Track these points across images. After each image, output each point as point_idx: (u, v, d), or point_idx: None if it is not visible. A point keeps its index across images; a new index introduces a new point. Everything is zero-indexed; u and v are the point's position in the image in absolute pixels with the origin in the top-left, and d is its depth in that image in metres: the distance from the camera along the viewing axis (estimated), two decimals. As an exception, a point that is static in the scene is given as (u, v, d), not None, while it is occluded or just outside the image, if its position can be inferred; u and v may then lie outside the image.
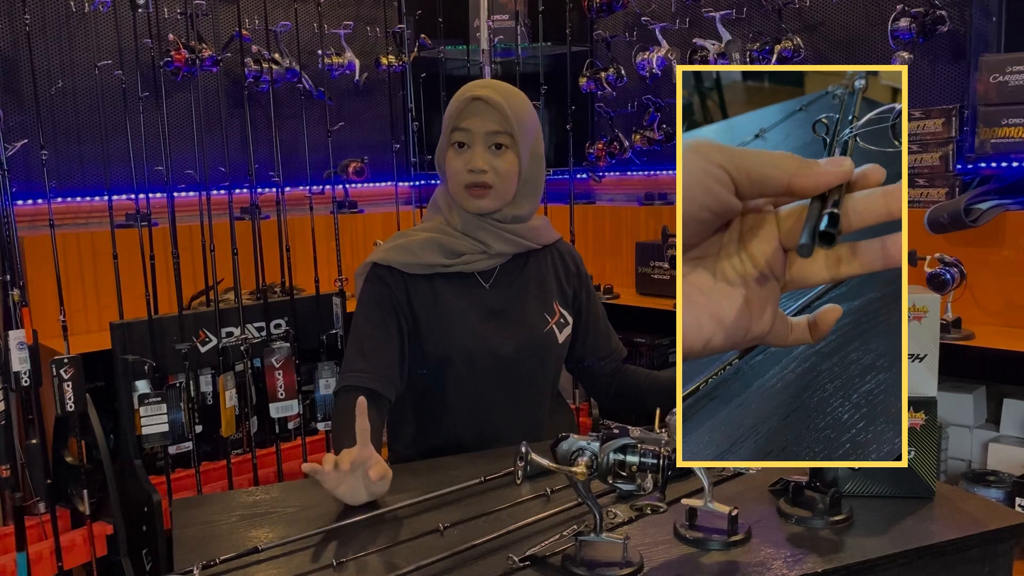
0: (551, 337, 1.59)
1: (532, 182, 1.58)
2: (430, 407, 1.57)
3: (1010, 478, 2.02)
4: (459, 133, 1.51)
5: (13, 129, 2.39)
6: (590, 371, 1.71)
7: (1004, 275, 2.21)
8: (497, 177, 1.51)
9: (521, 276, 1.61)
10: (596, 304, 1.71)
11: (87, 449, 2.05)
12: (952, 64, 2.41)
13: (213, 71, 2.57)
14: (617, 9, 2.97)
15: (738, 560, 1.05)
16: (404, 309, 1.54)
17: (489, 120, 1.50)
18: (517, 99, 1.54)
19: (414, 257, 1.53)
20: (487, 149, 1.51)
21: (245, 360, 2.20)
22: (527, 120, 1.53)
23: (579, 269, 1.69)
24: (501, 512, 1.20)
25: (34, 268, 2.30)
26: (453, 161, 1.53)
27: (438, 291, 1.55)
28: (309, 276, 2.41)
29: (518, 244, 1.58)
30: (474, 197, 1.52)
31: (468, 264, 1.55)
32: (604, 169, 3.25)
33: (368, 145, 3.12)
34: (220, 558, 1.06)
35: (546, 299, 1.61)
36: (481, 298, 1.57)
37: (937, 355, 1.22)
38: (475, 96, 1.50)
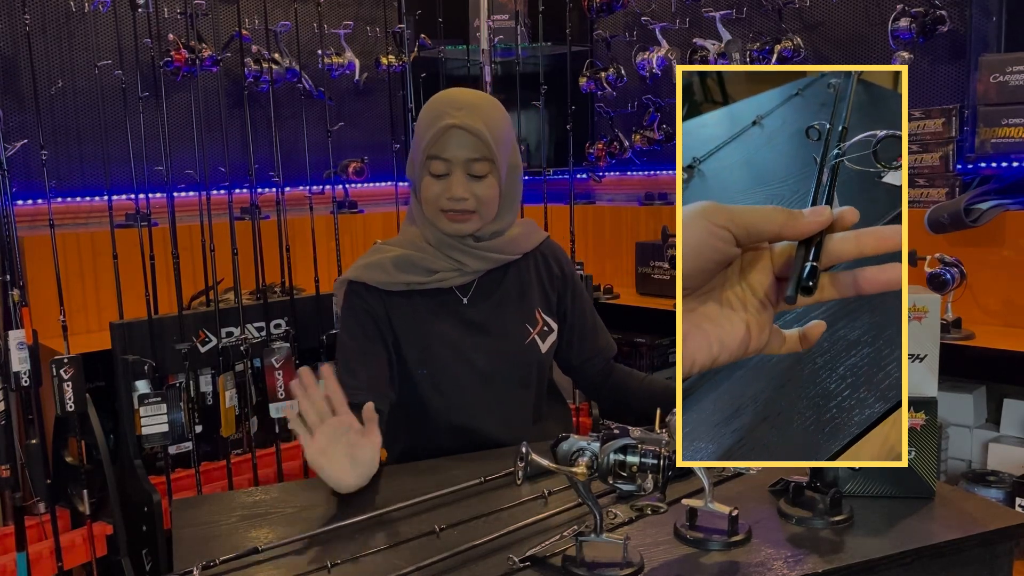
0: (532, 348, 1.57)
1: (510, 195, 1.55)
2: (415, 421, 1.56)
3: (1010, 478, 2.02)
4: (436, 163, 1.46)
5: (13, 129, 2.39)
6: (579, 371, 1.71)
7: (1004, 275, 2.21)
8: (479, 203, 1.48)
9: (500, 288, 1.58)
10: (582, 304, 1.68)
11: (87, 449, 2.05)
12: (952, 64, 2.41)
13: (213, 71, 2.57)
14: (617, 9, 2.97)
15: (738, 560, 1.05)
16: (384, 323, 1.52)
17: (467, 148, 1.44)
18: (492, 116, 1.47)
19: (388, 276, 1.51)
20: (466, 176, 1.46)
21: (245, 360, 2.20)
22: (503, 136, 1.49)
23: (563, 270, 1.66)
24: (501, 512, 1.20)
25: (34, 268, 2.30)
26: (431, 187, 1.48)
27: (416, 307, 1.53)
28: (309, 276, 2.41)
29: (495, 260, 1.55)
30: (454, 221, 1.49)
31: (444, 281, 1.52)
32: (604, 169, 3.26)
33: (368, 145, 3.12)
34: (220, 558, 1.06)
35: (528, 309, 1.59)
36: (460, 313, 1.54)
37: (937, 355, 1.22)
38: (451, 125, 1.43)
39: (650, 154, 3.13)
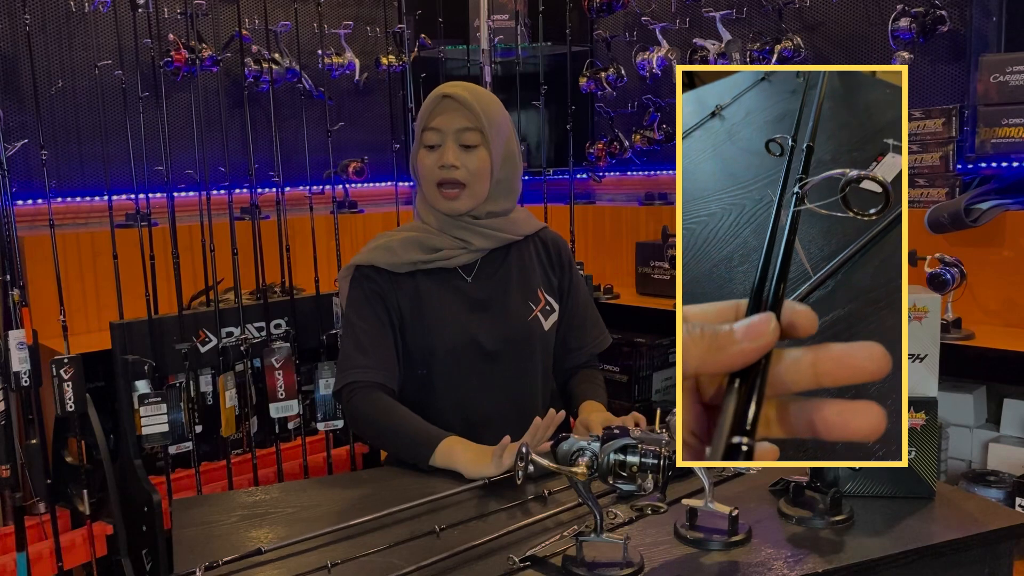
0: (536, 325, 1.61)
1: (506, 182, 1.60)
2: (420, 401, 1.58)
3: (1010, 478, 2.02)
4: (430, 133, 1.55)
5: (13, 129, 2.39)
6: (559, 359, 1.71)
7: (1004, 275, 2.21)
8: (469, 174, 1.54)
9: (503, 266, 1.62)
10: (578, 294, 1.71)
11: (87, 449, 2.05)
12: (952, 64, 2.41)
13: (213, 71, 2.57)
14: (617, 9, 2.97)
15: (738, 560, 1.05)
16: (392, 304, 1.56)
17: (458, 117, 1.53)
18: (486, 98, 1.57)
19: (395, 256, 1.56)
20: (458, 147, 1.53)
21: (245, 360, 2.20)
22: (498, 118, 1.56)
23: (563, 258, 1.70)
24: (501, 512, 1.20)
25: (34, 268, 2.30)
26: (424, 159, 1.56)
27: (420, 287, 1.57)
28: (309, 276, 2.40)
29: (497, 238, 1.60)
30: (447, 199, 1.55)
31: (448, 259, 1.57)
32: (604, 169, 3.25)
33: (368, 145, 3.12)
34: (223, 560, 1.06)
35: (530, 287, 1.63)
36: (464, 291, 1.59)
37: (937, 355, 1.22)
38: (444, 94, 1.54)
39: (650, 154, 3.13)
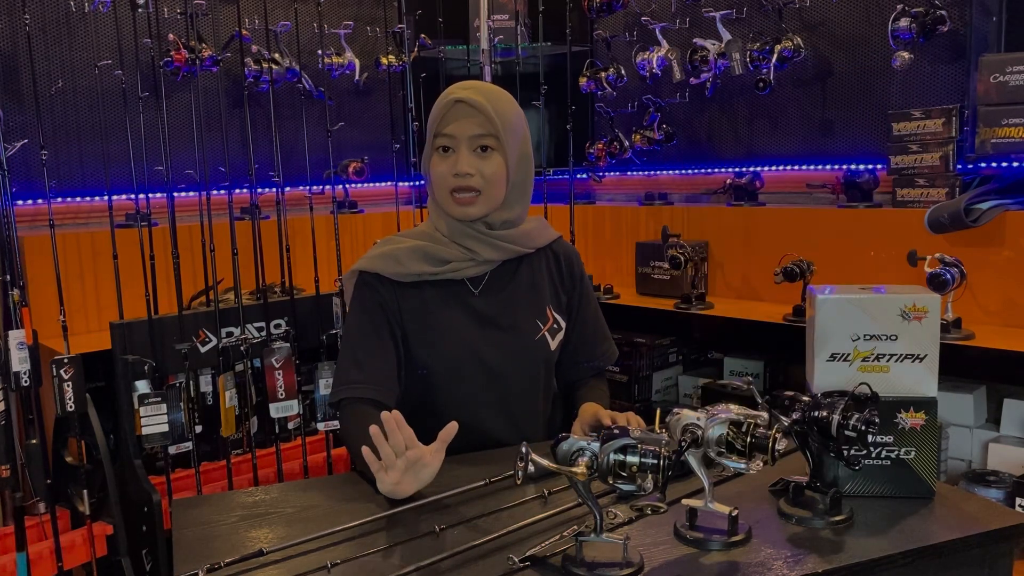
0: (542, 345, 1.57)
1: (521, 184, 1.55)
2: (420, 415, 1.55)
3: (1010, 478, 2.02)
4: (443, 138, 1.49)
5: (13, 129, 2.39)
6: (564, 372, 1.68)
7: (1004, 275, 2.21)
8: (484, 181, 1.48)
9: (513, 281, 1.57)
10: (588, 309, 1.67)
11: (87, 449, 2.05)
12: (952, 64, 2.41)
13: (213, 71, 2.57)
14: (617, 9, 2.97)
15: (738, 560, 1.05)
16: (395, 315, 1.52)
17: (472, 124, 1.46)
18: (501, 100, 1.50)
19: (400, 266, 1.51)
20: (472, 152, 1.48)
21: (245, 360, 2.20)
22: (513, 121, 1.50)
23: (574, 272, 1.65)
24: (501, 512, 1.20)
25: (34, 268, 2.30)
26: (438, 166, 1.50)
27: (427, 299, 1.52)
28: (309, 276, 2.40)
29: (508, 251, 1.55)
30: (461, 204, 1.49)
31: (456, 272, 1.52)
32: (604, 169, 3.25)
33: (368, 145, 3.12)
34: (224, 561, 1.06)
35: (539, 304, 1.58)
36: (471, 305, 1.54)
37: (937, 355, 1.22)
38: (457, 99, 1.47)
39: (650, 154, 3.13)
